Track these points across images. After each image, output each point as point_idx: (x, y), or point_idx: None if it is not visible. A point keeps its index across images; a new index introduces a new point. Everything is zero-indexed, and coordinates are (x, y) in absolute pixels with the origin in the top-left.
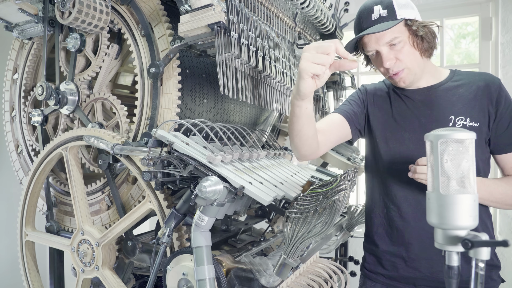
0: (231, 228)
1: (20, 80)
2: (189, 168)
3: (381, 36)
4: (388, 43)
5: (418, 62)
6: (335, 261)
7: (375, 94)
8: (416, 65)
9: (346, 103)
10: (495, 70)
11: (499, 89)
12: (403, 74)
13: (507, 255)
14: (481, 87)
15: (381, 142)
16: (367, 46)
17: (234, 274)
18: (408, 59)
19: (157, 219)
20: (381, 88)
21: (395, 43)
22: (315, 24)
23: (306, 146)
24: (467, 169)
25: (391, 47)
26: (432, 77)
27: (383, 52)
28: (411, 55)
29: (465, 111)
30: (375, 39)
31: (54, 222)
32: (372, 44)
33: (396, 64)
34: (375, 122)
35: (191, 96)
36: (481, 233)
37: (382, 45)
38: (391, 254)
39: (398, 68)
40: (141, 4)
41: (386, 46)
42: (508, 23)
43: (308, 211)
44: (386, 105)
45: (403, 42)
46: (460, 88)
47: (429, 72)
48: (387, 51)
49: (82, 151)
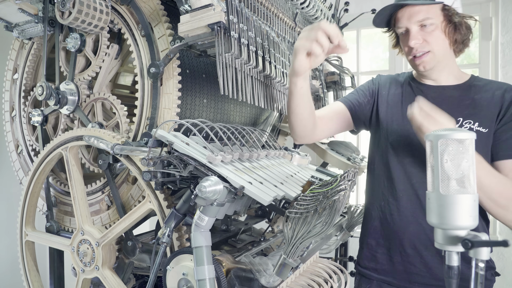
0: (231, 228)
1: (20, 80)
2: (189, 168)
3: (414, 13)
4: (419, 22)
5: (445, 50)
6: (335, 261)
7: (389, 86)
8: (442, 53)
9: (354, 92)
10: (495, 70)
11: None
12: (426, 58)
13: (507, 255)
14: (497, 95)
15: (387, 135)
16: (399, 21)
17: (234, 274)
18: (436, 43)
19: (157, 219)
20: (396, 81)
21: (426, 24)
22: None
23: (301, 127)
24: (467, 169)
25: (421, 28)
26: (452, 77)
27: (412, 30)
28: (440, 40)
29: (475, 115)
30: (408, 16)
31: (54, 222)
32: (404, 20)
33: (422, 45)
34: (383, 114)
35: (191, 96)
36: (481, 233)
37: (413, 23)
38: (387, 248)
39: (422, 49)
40: (141, 4)
41: (417, 25)
42: (508, 23)
43: (308, 211)
44: (396, 98)
45: (435, 25)
46: (476, 93)
47: (451, 69)
48: (416, 30)
49: (82, 151)
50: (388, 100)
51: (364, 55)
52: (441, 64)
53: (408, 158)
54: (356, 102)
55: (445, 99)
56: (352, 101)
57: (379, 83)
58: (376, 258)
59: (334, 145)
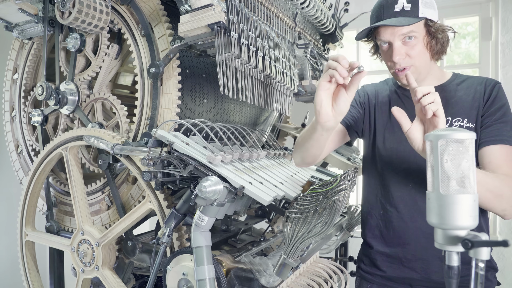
0: (231, 228)
1: (20, 80)
2: (189, 168)
3: (398, 29)
4: (403, 37)
5: (426, 62)
6: (335, 261)
7: (376, 95)
8: (424, 66)
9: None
10: (495, 70)
11: (493, 88)
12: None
13: (507, 255)
14: (479, 90)
15: (379, 143)
16: (381, 35)
17: (234, 274)
18: (418, 58)
19: (157, 219)
20: (382, 89)
21: (410, 38)
22: (315, 24)
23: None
24: (467, 169)
25: (404, 42)
26: (435, 79)
27: (395, 45)
28: (422, 55)
29: (462, 112)
30: (391, 31)
31: (54, 222)
32: (387, 35)
33: (405, 60)
34: (374, 123)
35: (191, 96)
36: (481, 233)
37: (396, 38)
38: (387, 255)
39: (405, 64)
40: (141, 4)
41: (400, 40)
42: (508, 23)
43: (308, 211)
44: (385, 107)
45: (418, 40)
46: (460, 91)
47: (433, 74)
48: (399, 45)
49: (82, 151)
50: (377, 108)
51: (364, 55)
52: (422, 75)
53: (403, 165)
54: (352, 119)
55: None
56: (348, 118)
57: (367, 93)
58: (376, 264)
59: None
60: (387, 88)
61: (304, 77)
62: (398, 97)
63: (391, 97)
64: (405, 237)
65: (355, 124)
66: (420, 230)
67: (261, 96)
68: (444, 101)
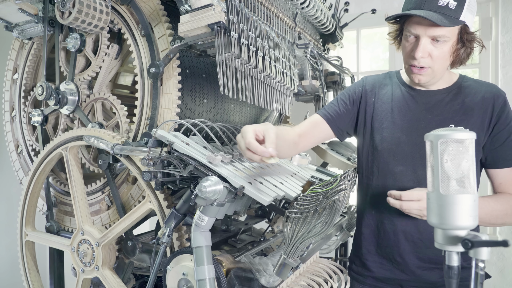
0: (231, 228)
1: (20, 80)
2: (189, 168)
3: (433, 27)
4: (434, 37)
5: (444, 68)
6: (335, 261)
7: (376, 91)
8: (441, 70)
9: (333, 101)
10: (495, 70)
11: (503, 104)
12: (424, 73)
13: (507, 255)
14: (486, 98)
15: (377, 143)
16: (412, 26)
17: (234, 274)
18: (439, 61)
19: (157, 219)
20: (383, 84)
21: (440, 41)
22: (315, 24)
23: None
24: (467, 169)
25: (433, 41)
26: (443, 81)
27: (422, 41)
28: (444, 59)
29: (466, 121)
30: (426, 26)
31: (54, 222)
32: (419, 29)
33: (426, 60)
34: (371, 122)
35: (191, 96)
36: (481, 233)
37: (427, 35)
38: (378, 256)
39: (425, 64)
40: (141, 4)
41: (429, 38)
42: (508, 23)
43: (308, 211)
44: (386, 104)
45: (447, 43)
46: (466, 96)
47: (443, 77)
48: (427, 42)
49: (82, 151)
50: (377, 106)
51: (364, 55)
52: (435, 79)
53: (400, 167)
54: (334, 113)
55: (436, 104)
56: (330, 112)
57: (365, 89)
58: (367, 265)
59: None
60: (389, 83)
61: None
62: (401, 95)
63: (393, 94)
64: (396, 238)
65: (338, 119)
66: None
67: (261, 96)
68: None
